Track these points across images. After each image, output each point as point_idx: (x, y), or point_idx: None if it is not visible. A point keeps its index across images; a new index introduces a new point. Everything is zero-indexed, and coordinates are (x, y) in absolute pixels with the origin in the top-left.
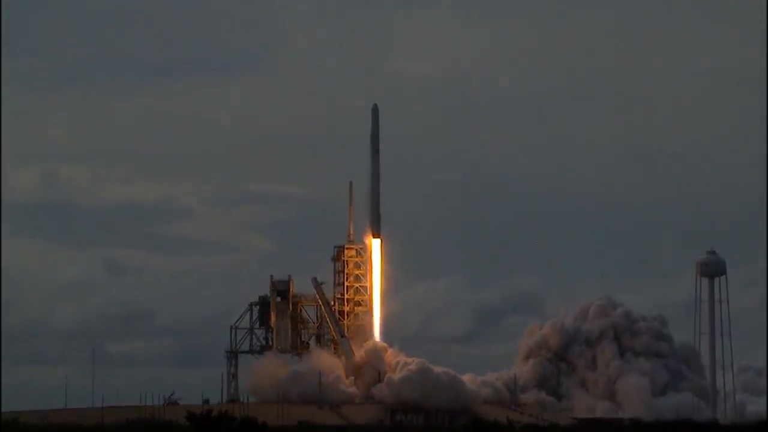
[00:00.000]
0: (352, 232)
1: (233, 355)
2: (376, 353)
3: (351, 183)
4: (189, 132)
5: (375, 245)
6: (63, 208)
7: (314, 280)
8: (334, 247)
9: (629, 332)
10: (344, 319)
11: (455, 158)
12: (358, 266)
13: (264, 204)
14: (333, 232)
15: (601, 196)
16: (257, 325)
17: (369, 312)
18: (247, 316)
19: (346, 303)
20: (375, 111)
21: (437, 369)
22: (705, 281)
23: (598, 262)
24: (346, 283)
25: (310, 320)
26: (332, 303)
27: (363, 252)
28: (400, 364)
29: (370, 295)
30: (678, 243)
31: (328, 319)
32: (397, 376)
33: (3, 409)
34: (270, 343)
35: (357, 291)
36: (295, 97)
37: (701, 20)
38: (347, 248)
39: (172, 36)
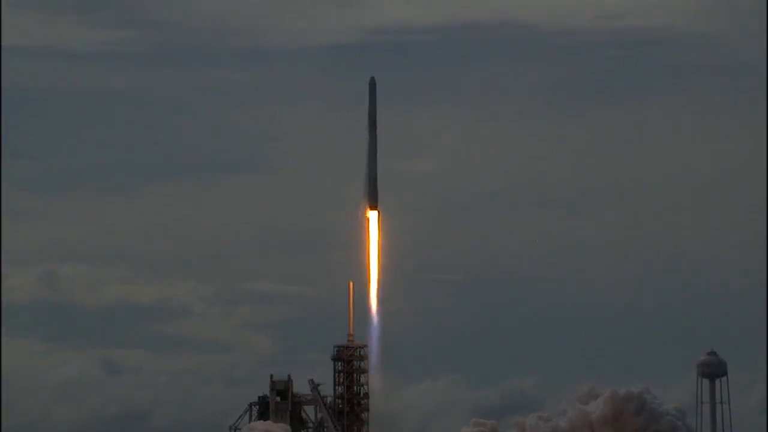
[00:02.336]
0: (352, 331)
1: None
2: None
3: (351, 283)
4: (188, 232)
5: (372, 218)
6: (62, 308)
7: (311, 381)
8: (334, 346)
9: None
10: (344, 419)
11: (456, 259)
12: (358, 366)
13: (263, 303)
14: (333, 332)
15: (600, 296)
16: None
17: (368, 411)
18: (247, 416)
19: (345, 403)
20: (372, 84)
21: None
22: (706, 382)
23: (598, 362)
24: (345, 383)
25: (310, 421)
26: (331, 403)
27: (363, 352)
28: None
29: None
30: (678, 343)
31: (326, 420)
32: None
33: None
34: None
35: (357, 391)
36: (293, 196)
37: (702, 123)
38: (347, 348)
39: (170, 138)
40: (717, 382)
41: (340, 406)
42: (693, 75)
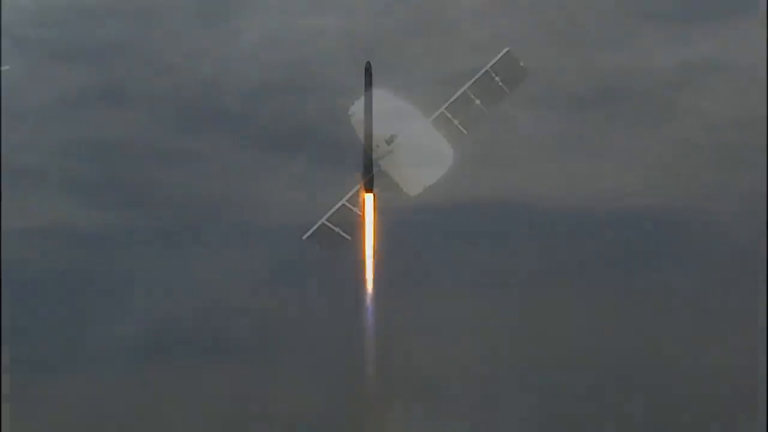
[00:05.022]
0: None
1: None
2: None
3: None
4: (188, 411)
5: (368, 200)
6: None
7: None
8: None
9: None
10: None
11: None
12: None
13: None
14: None
15: None
16: None
17: None
18: None
19: None
20: (368, 69)
21: None
22: None
23: None
24: None
25: None
26: None
27: None
28: None
29: None
30: None
31: None
32: None
33: None
34: None
35: None
36: (294, 380)
37: (703, 305)
38: None
39: (168, 317)
40: None
41: None
42: (693, 257)
